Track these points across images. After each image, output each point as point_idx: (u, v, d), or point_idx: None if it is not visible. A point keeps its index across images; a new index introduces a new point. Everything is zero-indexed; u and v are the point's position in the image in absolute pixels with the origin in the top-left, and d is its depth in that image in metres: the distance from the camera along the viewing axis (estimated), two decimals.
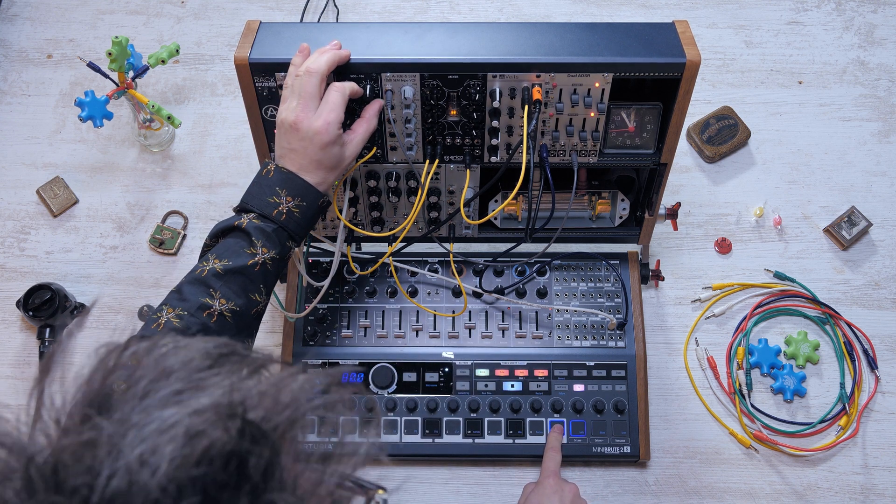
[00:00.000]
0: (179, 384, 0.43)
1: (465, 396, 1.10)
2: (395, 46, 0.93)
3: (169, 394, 0.42)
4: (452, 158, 1.02)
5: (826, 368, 1.17)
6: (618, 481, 1.10)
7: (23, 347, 1.20)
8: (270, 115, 0.97)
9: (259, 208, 0.86)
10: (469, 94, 0.94)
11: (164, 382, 0.43)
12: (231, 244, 0.85)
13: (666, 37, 0.93)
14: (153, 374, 0.43)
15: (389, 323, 1.15)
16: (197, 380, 0.43)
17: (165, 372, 0.44)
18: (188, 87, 1.40)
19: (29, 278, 1.24)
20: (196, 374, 0.44)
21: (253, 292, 0.85)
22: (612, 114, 0.97)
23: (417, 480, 1.11)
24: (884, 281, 1.23)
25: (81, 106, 1.19)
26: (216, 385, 0.43)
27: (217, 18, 1.46)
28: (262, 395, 0.44)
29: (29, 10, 1.47)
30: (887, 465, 1.11)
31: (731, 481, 1.10)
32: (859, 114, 1.36)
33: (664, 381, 1.16)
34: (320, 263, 1.18)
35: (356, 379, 1.11)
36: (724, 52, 1.42)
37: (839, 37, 1.43)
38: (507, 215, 1.12)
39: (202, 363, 0.45)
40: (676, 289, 1.23)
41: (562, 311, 1.15)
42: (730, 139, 1.31)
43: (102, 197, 1.31)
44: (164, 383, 0.43)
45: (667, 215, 1.11)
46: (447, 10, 1.47)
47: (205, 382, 0.43)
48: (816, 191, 1.30)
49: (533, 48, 0.92)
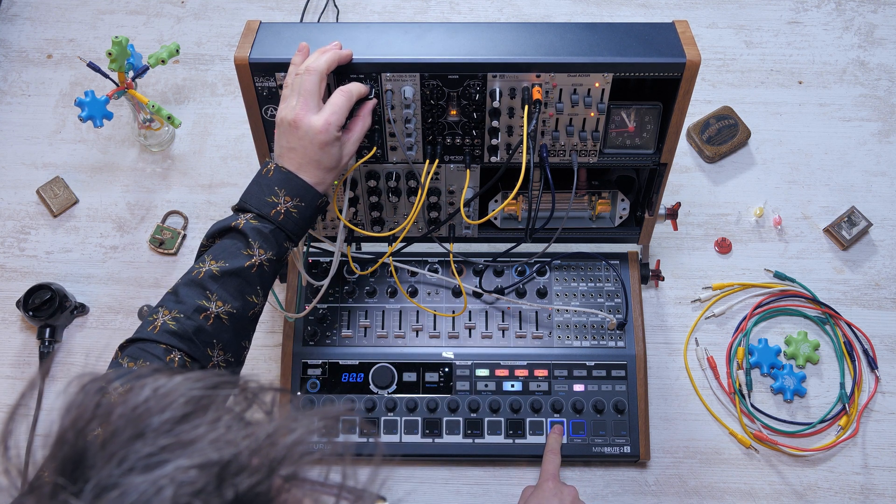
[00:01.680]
0: (160, 441, 0.38)
1: (465, 396, 1.10)
2: (395, 46, 0.93)
3: (148, 455, 0.38)
4: (452, 158, 1.02)
5: (826, 368, 1.17)
6: (618, 481, 1.10)
7: (23, 347, 1.20)
8: (270, 115, 0.97)
9: (257, 208, 0.85)
10: (469, 94, 0.94)
11: (141, 442, 0.38)
12: (228, 245, 0.84)
13: (666, 37, 0.93)
14: (130, 430, 0.39)
15: (389, 323, 1.15)
16: (178, 434, 0.39)
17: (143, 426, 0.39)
18: (188, 87, 1.40)
19: (29, 278, 1.24)
20: (177, 426, 0.39)
21: (250, 294, 0.84)
22: (612, 114, 0.97)
23: (417, 480, 1.11)
24: (884, 281, 1.23)
25: (81, 106, 1.19)
26: (201, 439, 0.39)
27: (217, 18, 1.46)
28: (253, 452, 0.40)
29: (29, 10, 1.47)
30: (887, 465, 1.11)
31: (731, 481, 1.10)
32: (859, 114, 1.36)
33: (664, 381, 1.17)
34: (320, 263, 1.18)
35: (356, 379, 1.11)
36: (724, 52, 1.42)
37: (839, 37, 1.43)
38: (507, 215, 1.12)
39: (184, 411, 0.40)
40: (676, 289, 1.23)
41: (562, 311, 1.15)
42: (730, 139, 1.31)
43: (102, 197, 1.31)
44: (142, 443, 0.38)
45: (667, 215, 1.11)
46: (447, 10, 1.47)
47: (188, 437, 0.39)
48: (816, 191, 1.30)
49: (533, 48, 0.92)
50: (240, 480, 0.38)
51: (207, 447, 0.38)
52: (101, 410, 0.40)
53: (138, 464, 0.37)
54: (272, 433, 0.41)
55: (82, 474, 0.38)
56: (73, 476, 0.38)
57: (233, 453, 0.39)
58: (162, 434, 0.39)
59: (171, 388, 0.41)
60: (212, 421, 0.40)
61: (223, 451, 0.38)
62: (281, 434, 0.41)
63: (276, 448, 0.40)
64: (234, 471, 0.38)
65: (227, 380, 0.43)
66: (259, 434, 0.40)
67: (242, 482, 0.38)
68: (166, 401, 0.40)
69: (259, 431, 0.41)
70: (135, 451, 0.38)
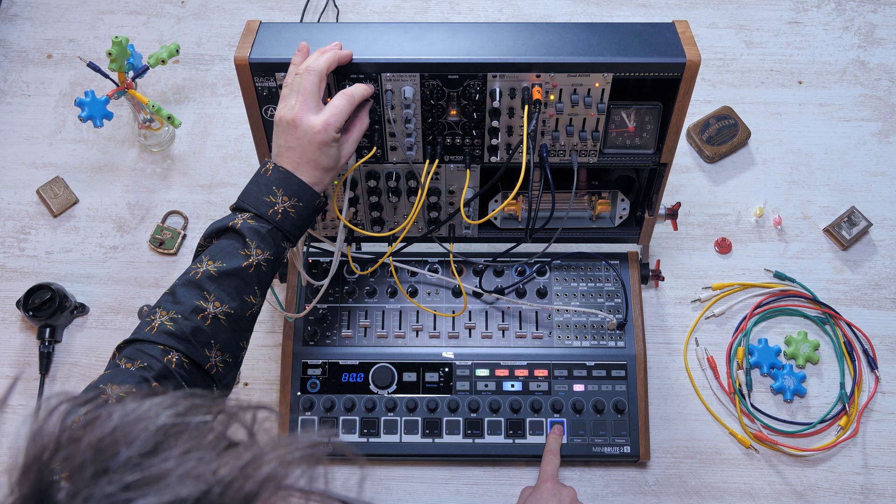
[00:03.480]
0: (127, 477, 0.36)
1: (465, 396, 1.10)
2: (395, 46, 0.93)
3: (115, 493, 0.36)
4: (452, 158, 1.02)
5: (826, 368, 1.17)
6: (618, 481, 1.10)
7: (23, 347, 1.20)
8: (270, 115, 0.97)
9: (255, 207, 0.85)
10: (469, 94, 0.94)
11: (106, 479, 0.36)
12: (225, 245, 0.84)
13: (666, 37, 0.93)
14: (95, 465, 0.37)
15: (389, 323, 1.15)
16: (147, 468, 0.37)
17: (109, 459, 0.37)
18: (188, 87, 1.40)
19: (29, 278, 1.24)
20: (146, 459, 0.37)
21: (247, 294, 0.84)
22: (612, 114, 0.97)
23: (417, 480, 1.11)
24: (884, 281, 1.23)
25: (81, 106, 1.19)
26: (171, 474, 0.37)
27: (217, 18, 1.46)
28: (226, 487, 0.37)
29: (29, 10, 1.47)
30: (887, 465, 1.11)
31: (731, 481, 1.10)
32: (859, 114, 1.36)
33: (664, 381, 1.16)
34: (320, 263, 1.18)
35: (356, 379, 1.11)
36: (724, 52, 1.42)
37: (839, 37, 1.43)
38: (507, 215, 1.12)
39: (153, 441, 0.38)
40: (676, 289, 1.23)
41: (562, 311, 1.15)
42: (730, 139, 1.31)
43: (102, 197, 1.31)
44: (106, 480, 0.36)
45: (667, 215, 1.11)
46: (447, 10, 1.47)
47: (157, 470, 0.37)
48: (816, 191, 1.30)
49: (533, 48, 0.92)
50: None
51: (175, 483, 0.37)
52: (65, 440, 0.38)
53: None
54: (245, 465, 0.39)
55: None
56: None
57: (202, 490, 0.37)
58: (128, 470, 0.37)
59: (140, 416, 0.39)
60: (182, 453, 0.38)
61: (192, 487, 0.37)
62: (255, 466, 0.39)
63: (249, 482, 0.38)
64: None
65: (201, 403, 0.41)
66: (233, 465, 0.38)
67: None
68: (135, 431, 0.38)
69: (234, 462, 0.39)
70: (99, 489, 0.36)
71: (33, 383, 1.17)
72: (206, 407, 0.41)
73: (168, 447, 0.38)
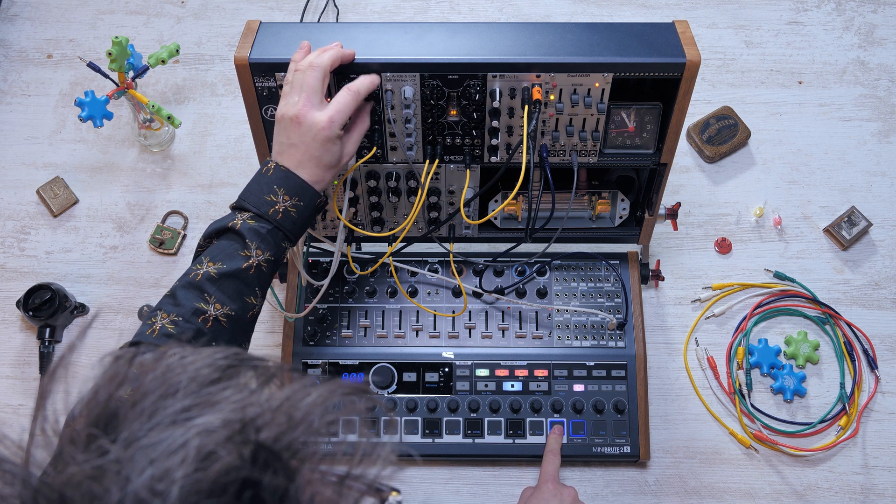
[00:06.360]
0: (188, 400, 0.41)
1: (465, 396, 1.10)
2: (395, 46, 0.93)
3: (177, 411, 0.41)
4: (452, 158, 1.02)
5: (826, 368, 1.17)
6: (618, 481, 1.10)
7: (23, 347, 1.20)
8: (270, 115, 0.97)
9: (255, 206, 0.84)
10: (469, 94, 0.94)
11: (171, 400, 0.41)
12: (225, 246, 0.84)
13: (666, 37, 0.93)
14: (160, 390, 0.42)
15: (389, 323, 1.15)
16: (206, 395, 0.42)
17: (172, 387, 0.42)
18: (188, 87, 1.40)
19: (29, 278, 1.24)
20: (205, 388, 0.42)
21: (248, 295, 0.84)
22: (612, 114, 0.97)
23: (417, 480, 1.11)
24: (884, 281, 1.23)
25: (81, 106, 1.19)
26: (226, 400, 0.42)
27: (217, 18, 1.46)
28: (274, 411, 0.43)
29: (29, 10, 1.47)
30: (887, 465, 1.11)
31: (731, 481, 1.10)
32: (859, 114, 1.36)
33: (664, 381, 1.17)
34: (320, 263, 1.18)
35: (356, 379, 1.11)
36: (724, 52, 1.42)
37: (839, 37, 1.43)
38: (507, 215, 1.12)
39: (211, 376, 0.43)
40: (676, 289, 1.23)
41: (562, 311, 1.15)
42: (730, 139, 1.31)
43: (102, 197, 1.31)
44: (171, 400, 0.41)
45: (667, 215, 1.11)
46: (447, 10, 1.47)
47: (214, 398, 0.42)
48: (816, 191, 1.30)
49: (533, 48, 0.92)
50: (262, 436, 0.41)
51: (232, 407, 0.41)
52: (133, 374, 0.43)
53: (167, 419, 0.40)
54: (291, 396, 0.44)
55: (114, 428, 0.41)
56: (106, 429, 0.41)
57: (256, 412, 0.42)
58: (190, 394, 0.42)
59: (199, 358, 0.44)
60: (236, 386, 0.43)
61: (247, 410, 0.42)
62: (300, 397, 0.44)
63: (297, 409, 0.43)
64: (257, 427, 0.41)
65: (247, 356, 0.46)
66: (280, 395, 0.44)
67: (265, 438, 0.41)
68: (193, 367, 0.43)
69: (280, 394, 0.44)
70: (164, 407, 0.41)
71: (33, 383, 1.17)
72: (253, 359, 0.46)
73: (223, 382, 0.43)
